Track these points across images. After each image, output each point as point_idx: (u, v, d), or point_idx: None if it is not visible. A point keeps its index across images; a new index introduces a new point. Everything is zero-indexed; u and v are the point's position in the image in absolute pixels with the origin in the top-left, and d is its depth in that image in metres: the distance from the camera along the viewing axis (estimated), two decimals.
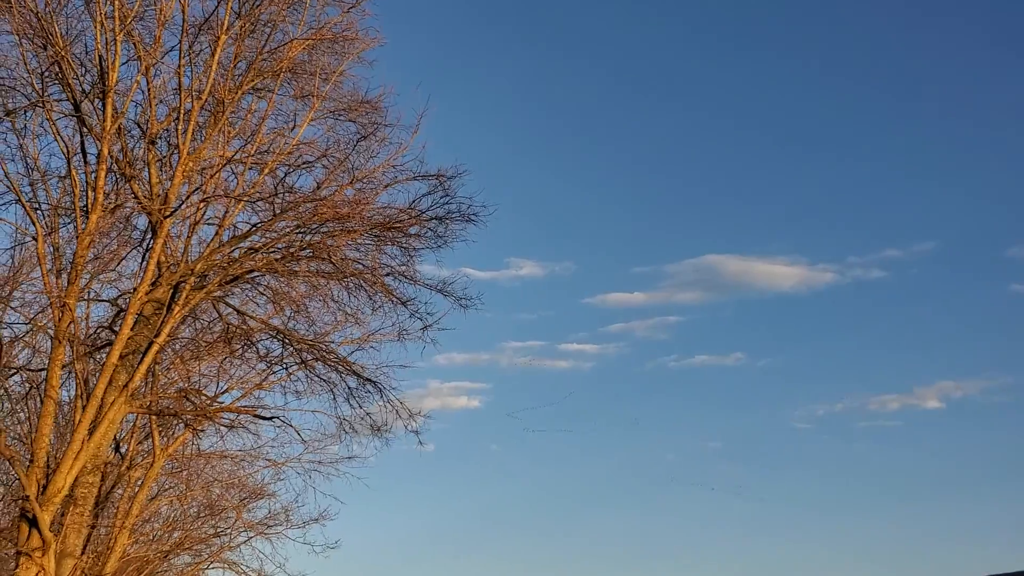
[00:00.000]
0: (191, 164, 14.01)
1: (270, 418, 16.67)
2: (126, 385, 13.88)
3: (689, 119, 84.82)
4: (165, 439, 21.43)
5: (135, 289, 13.95)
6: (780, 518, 71.76)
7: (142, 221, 18.15)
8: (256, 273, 15.72)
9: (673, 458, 75.97)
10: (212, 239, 14.75)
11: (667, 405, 79.61)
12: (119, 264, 18.50)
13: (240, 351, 19.39)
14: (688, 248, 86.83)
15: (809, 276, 76.14)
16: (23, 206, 13.90)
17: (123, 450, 21.44)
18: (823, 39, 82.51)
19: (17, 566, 13.25)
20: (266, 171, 14.68)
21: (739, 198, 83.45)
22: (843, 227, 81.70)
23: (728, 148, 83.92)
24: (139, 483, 21.64)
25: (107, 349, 16.08)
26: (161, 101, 15.84)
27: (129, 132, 16.52)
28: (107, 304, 18.81)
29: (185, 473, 25.05)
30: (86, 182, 14.26)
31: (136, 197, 15.37)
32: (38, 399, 17.51)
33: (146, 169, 16.07)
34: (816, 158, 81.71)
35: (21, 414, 18.55)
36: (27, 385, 16.69)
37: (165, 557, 27.58)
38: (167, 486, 25.68)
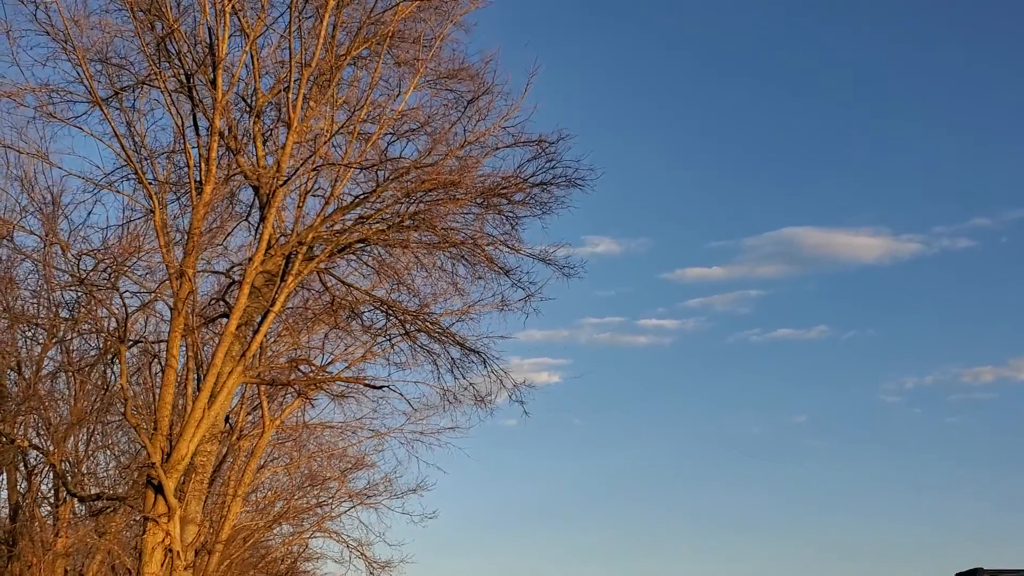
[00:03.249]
0: (302, 131, 14.04)
1: (380, 387, 16.76)
2: (243, 354, 14.06)
3: (764, 89, 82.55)
4: (275, 410, 21.81)
5: (250, 259, 14.09)
6: (868, 492, 70.24)
7: (247, 195, 18.43)
8: (364, 244, 15.75)
9: (759, 432, 74.87)
10: (321, 209, 14.79)
11: (750, 380, 78.35)
12: (226, 239, 18.83)
13: (345, 322, 19.56)
14: (766, 221, 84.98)
15: (894, 247, 73.79)
16: (140, 179, 14.13)
17: (231, 422, 21.93)
18: (901, 3, 79.17)
19: (144, 531, 13.57)
20: (373, 139, 14.63)
21: (817, 168, 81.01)
22: (928, 196, 78.64)
23: (805, 117, 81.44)
24: (249, 453, 22.12)
25: (220, 321, 16.36)
26: (267, 73, 15.93)
27: (235, 106, 16.69)
28: (216, 277, 19.20)
29: (290, 444, 25.56)
30: (199, 154, 14.41)
31: (242, 171, 15.52)
32: (153, 370, 17.95)
33: (252, 143, 16.22)
34: (897, 124, 78.68)
35: (137, 386, 19.05)
36: (147, 356, 17.07)
37: (270, 527, 28.23)
38: (272, 456, 26.24)
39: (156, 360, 15.58)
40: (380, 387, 16.82)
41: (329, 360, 21.60)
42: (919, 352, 76.48)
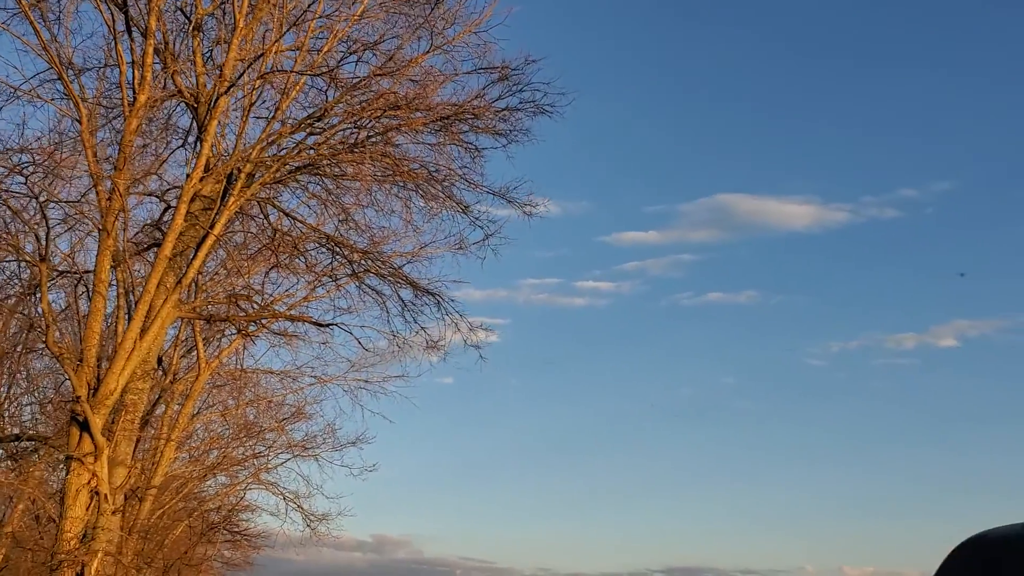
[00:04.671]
0: (247, 34, 12.79)
1: (327, 325, 15.66)
2: (179, 282, 12.88)
3: (702, 58, 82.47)
4: (212, 352, 20.61)
5: (188, 176, 12.85)
6: (795, 453, 71.54)
7: (184, 121, 17.05)
8: (311, 170, 14.59)
9: (689, 393, 75.82)
10: (266, 127, 13.58)
11: (681, 341, 79.40)
12: (160, 167, 17.47)
13: (287, 260, 18.37)
14: (701, 187, 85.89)
15: (823, 215, 74.96)
16: (67, 89, 12.74)
17: (164, 364, 20.64)
18: None
19: (68, 472, 12.41)
20: (325, 49, 13.43)
21: (752, 137, 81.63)
22: (857, 166, 79.90)
23: (740, 86, 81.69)
24: (184, 396, 20.91)
25: (153, 251, 15.11)
26: None
27: (172, 17, 15.31)
28: (150, 209, 17.86)
29: (227, 389, 24.38)
30: (132, 64, 13.07)
31: (179, 90, 14.23)
32: (81, 303, 16.63)
33: (191, 61, 14.89)
34: (829, 96, 79.41)
35: (65, 323, 17.70)
36: (73, 283, 15.72)
37: (204, 476, 27.07)
38: (208, 403, 25.03)
39: (83, 286, 14.26)
40: (327, 325, 15.76)
41: (269, 301, 20.40)
42: (844, 318, 78.08)
